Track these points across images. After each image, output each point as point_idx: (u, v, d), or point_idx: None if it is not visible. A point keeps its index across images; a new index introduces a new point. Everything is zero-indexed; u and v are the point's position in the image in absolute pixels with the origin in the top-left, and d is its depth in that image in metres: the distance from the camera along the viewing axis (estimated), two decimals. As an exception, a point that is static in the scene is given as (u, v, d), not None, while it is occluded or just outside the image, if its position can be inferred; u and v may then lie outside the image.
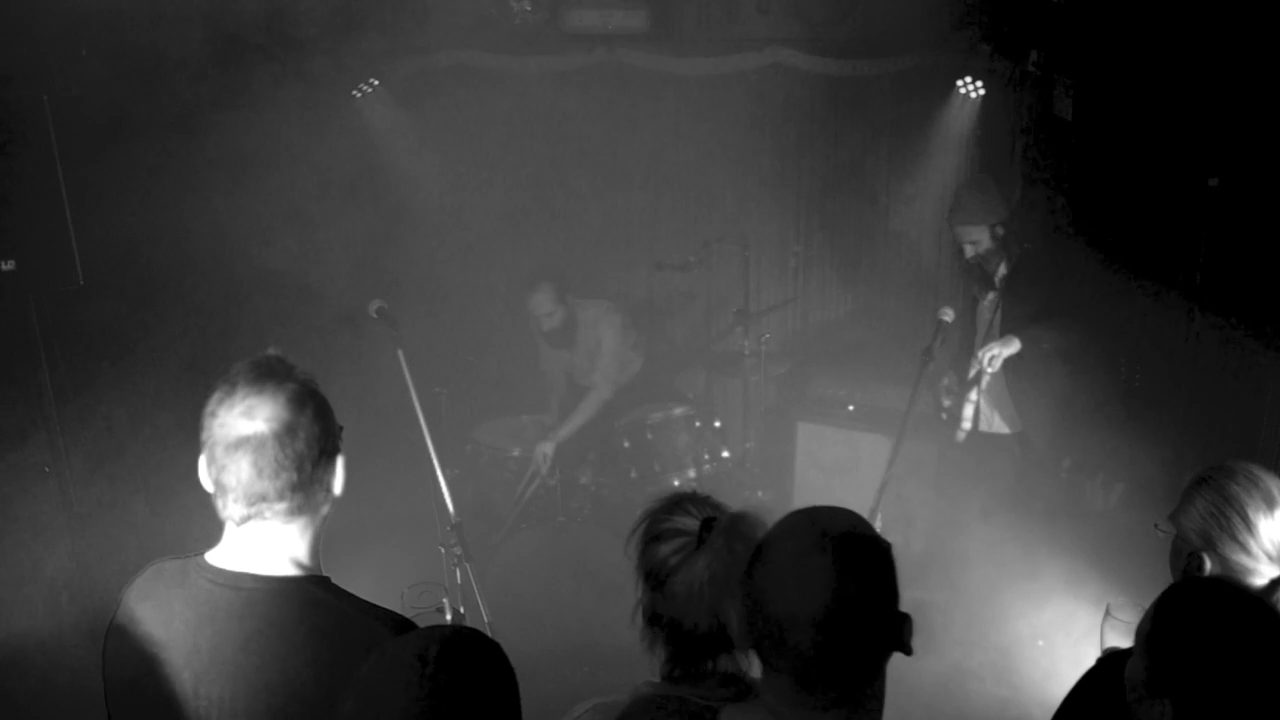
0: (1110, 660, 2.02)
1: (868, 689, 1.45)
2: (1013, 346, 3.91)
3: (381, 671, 1.35)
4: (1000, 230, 4.21)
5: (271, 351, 1.74)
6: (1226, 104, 3.23)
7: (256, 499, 1.65)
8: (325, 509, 1.75)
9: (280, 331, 4.22)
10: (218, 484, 1.66)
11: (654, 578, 1.72)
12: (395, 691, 1.31)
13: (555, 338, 4.98)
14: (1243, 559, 1.95)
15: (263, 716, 1.62)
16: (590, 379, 5.08)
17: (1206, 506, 1.99)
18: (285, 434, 1.64)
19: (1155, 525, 2.13)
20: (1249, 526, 1.94)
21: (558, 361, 5.22)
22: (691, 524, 1.72)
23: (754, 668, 1.62)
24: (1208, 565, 1.98)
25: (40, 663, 3.39)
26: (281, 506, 1.66)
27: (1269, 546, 1.94)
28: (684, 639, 1.71)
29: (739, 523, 1.71)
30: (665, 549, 1.71)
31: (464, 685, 1.33)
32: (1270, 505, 1.96)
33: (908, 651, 1.44)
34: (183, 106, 4.21)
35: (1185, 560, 2.03)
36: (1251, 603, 1.59)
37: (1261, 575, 1.96)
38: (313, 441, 1.66)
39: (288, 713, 1.61)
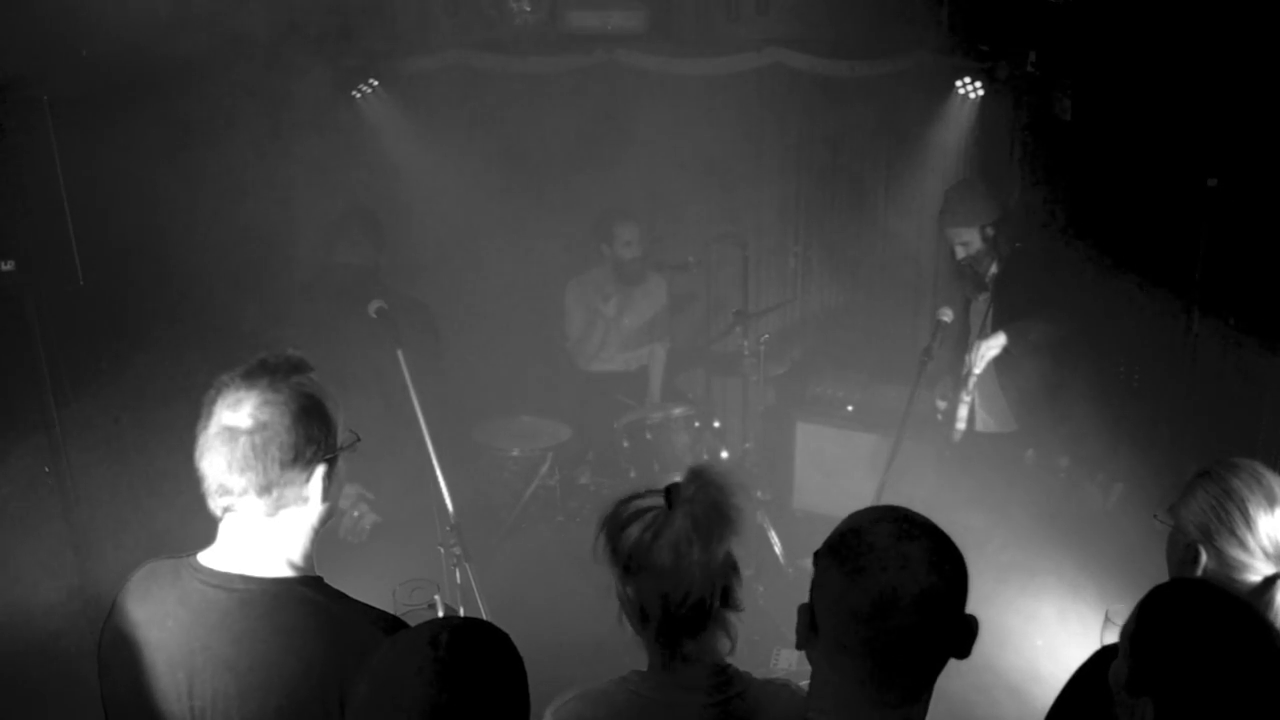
0: (1103, 657, 2.03)
1: (925, 693, 1.45)
2: (999, 341, 3.92)
3: (394, 658, 1.37)
4: (990, 231, 4.21)
5: (291, 352, 1.75)
6: (1225, 104, 3.23)
7: (224, 491, 1.67)
8: (315, 516, 1.75)
9: (281, 331, 4.21)
10: (199, 471, 1.69)
11: (633, 562, 1.72)
12: (409, 675, 1.34)
13: (630, 268, 5.23)
14: (1239, 554, 1.96)
15: (255, 716, 1.63)
16: (637, 338, 5.47)
17: (1207, 500, 1.99)
18: (259, 432, 1.65)
19: (1155, 515, 2.13)
20: (1248, 522, 1.95)
21: (604, 308, 5.34)
22: (651, 501, 1.74)
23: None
24: (1203, 558, 1.98)
25: (39, 662, 3.39)
26: (249, 502, 1.67)
27: (1266, 543, 1.94)
28: (672, 614, 1.71)
29: (703, 471, 1.76)
30: (634, 530, 1.72)
31: (475, 670, 1.36)
32: (1271, 503, 1.96)
33: (964, 655, 1.46)
34: (183, 107, 4.22)
35: (1182, 552, 2.03)
36: (1234, 604, 1.60)
37: (1256, 572, 1.96)
38: (288, 446, 1.67)
39: (280, 713, 1.62)
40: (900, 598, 1.37)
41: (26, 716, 3.37)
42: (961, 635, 1.44)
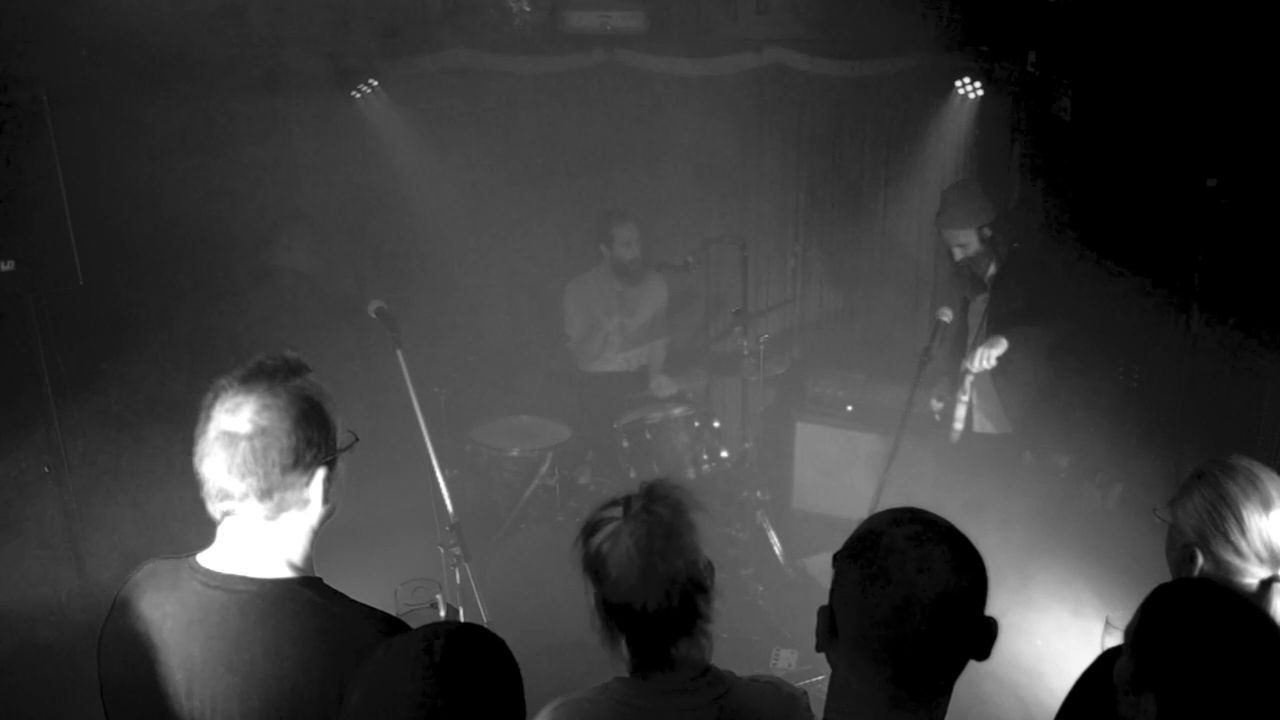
0: (1109, 658, 2.03)
1: (944, 695, 1.45)
2: (1000, 346, 3.92)
3: (388, 662, 1.37)
4: (988, 232, 4.21)
5: (289, 353, 1.74)
6: (1225, 104, 3.24)
7: (224, 496, 1.66)
8: (315, 517, 1.75)
9: (281, 331, 4.22)
10: (199, 475, 1.68)
11: (594, 571, 1.79)
12: (402, 681, 1.34)
13: (629, 269, 5.28)
14: (1233, 559, 1.95)
15: (255, 717, 1.62)
16: (638, 338, 5.46)
17: (1203, 503, 1.98)
18: (259, 437, 1.64)
19: (1154, 510, 2.13)
20: (1242, 528, 1.93)
21: (605, 309, 5.35)
22: (616, 511, 1.80)
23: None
24: (1199, 560, 1.98)
25: (40, 662, 3.39)
26: (250, 506, 1.67)
27: (1260, 548, 1.93)
28: (639, 624, 1.75)
29: (654, 487, 1.81)
30: (596, 538, 1.79)
31: (469, 676, 1.35)
32: (1266, 506, 1.94)
33: (984, 657, 1.45)
34: (183, 107, 4.22)
35: (1179, 552, 2.03)
36: (1238, 603, 1.60)
37: (1252, 576, 1.95)
38: (287, 450, 1.66)
39: (280, 713, 1.61)
40: (920, 602, 1.37)
41: (27, 716, 3.37)
42: (981, 637, 1.44)
